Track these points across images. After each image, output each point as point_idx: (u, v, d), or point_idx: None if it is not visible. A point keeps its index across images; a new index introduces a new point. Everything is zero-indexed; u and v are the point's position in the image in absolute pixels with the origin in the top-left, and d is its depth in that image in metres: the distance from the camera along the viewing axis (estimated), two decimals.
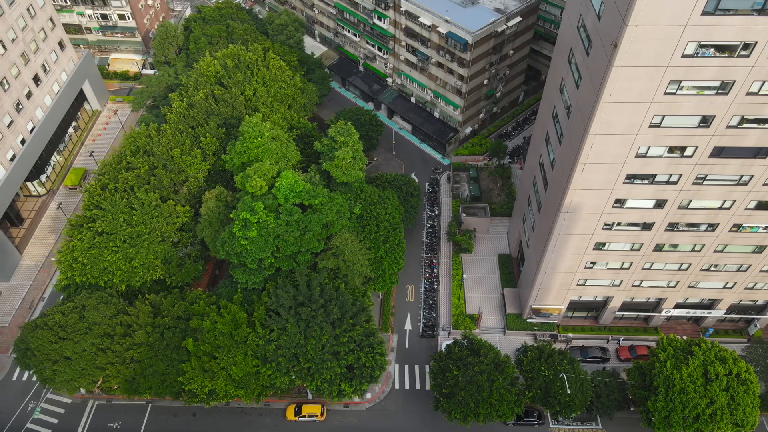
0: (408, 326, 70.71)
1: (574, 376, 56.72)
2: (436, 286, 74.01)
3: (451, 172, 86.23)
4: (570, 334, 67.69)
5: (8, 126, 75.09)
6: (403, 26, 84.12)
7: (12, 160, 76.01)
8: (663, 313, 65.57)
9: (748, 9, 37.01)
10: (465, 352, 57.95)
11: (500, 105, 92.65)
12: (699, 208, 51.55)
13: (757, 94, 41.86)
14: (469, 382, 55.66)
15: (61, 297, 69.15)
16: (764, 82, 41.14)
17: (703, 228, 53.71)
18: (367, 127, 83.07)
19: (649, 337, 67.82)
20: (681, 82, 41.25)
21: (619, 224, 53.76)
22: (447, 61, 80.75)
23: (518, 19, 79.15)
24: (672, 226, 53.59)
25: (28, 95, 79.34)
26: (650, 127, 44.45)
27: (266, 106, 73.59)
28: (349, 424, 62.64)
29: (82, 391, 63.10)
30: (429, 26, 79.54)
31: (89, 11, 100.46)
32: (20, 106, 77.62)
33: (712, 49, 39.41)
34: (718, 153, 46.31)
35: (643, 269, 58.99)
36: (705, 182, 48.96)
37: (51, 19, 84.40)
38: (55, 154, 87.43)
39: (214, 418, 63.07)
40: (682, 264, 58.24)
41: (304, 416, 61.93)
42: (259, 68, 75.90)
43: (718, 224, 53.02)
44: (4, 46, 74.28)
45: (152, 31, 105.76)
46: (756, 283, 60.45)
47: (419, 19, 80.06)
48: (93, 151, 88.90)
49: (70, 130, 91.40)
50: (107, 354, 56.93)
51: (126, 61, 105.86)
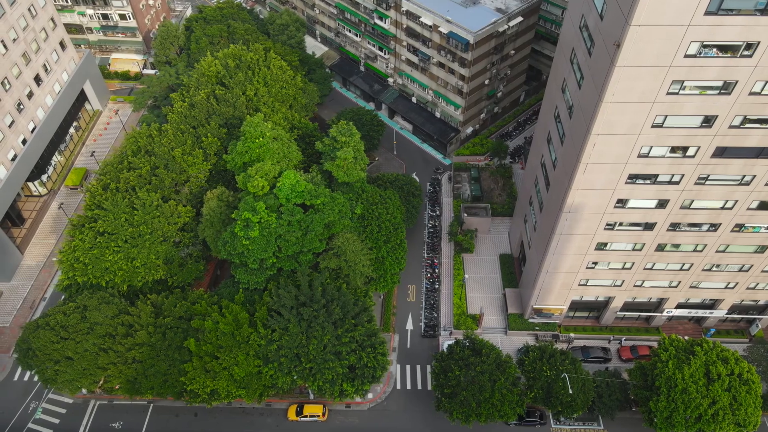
0: (409, 326, 70.68)
1: (576, 376, 56.70)
2: (437, 286, 73.99)
3: (453, 172, 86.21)
4: (572, 334, 67.66)
5: (9, 126, 75.09)
6: (405, 26, 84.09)
7: (13, 160, 75.99)
8: (664, 313, 65.55)
9: (751, 9, 37.00)
10: (467, 352, 57.91)
11: (501, 105, 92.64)
12: (701, 208, 51.54)
13: (759, 94, 41.86)
14: (470, 382, 55.64)
15: (63, 297, 69.05)
16: (767, 82, 41.14)
17: (705, 228, 53.72)
18: (369, 127, 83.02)
19: (651, 337, 67.80)
20: (683, 82, 41.26)
21: (621, 224, 53.75)
22: (448, 61, 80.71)
23: (519, 19, 79.12)
24: (674, 226, 53.58)
25: (30, 95, 79.33)
26: (653, 127, 44.44)
27: (267, 106, 73.58)
28: (351, 424, 62.62)
29: (84, 391, 63.02)
30: (430, 26, 79.51)
31: (90, 11, 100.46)
32: (21, 106, 77.61)
33: (715, 49, 39.40)
34: (721, 153, 46.32)
35: (645, 269, 58.97)
36: (707, 182, 48.96)
37: (52, 19, 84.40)
38: (56, 154, 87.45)
39: (216, 418, 63.05)
40: (684, 264, 58.24)
41: (306, 416, 61.91)
42: (260, 68, 75.88)
43: (720, 224, 53.02)
44: (5, 46, 74.27)
45: (153, 31, 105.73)
46: (758, 283, 60.44)
47: (420, 19, 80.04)
48: (94, 151, 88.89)
49: (71, 130, 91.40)
50: (109, 354, 56.95)
51: (127, 61, 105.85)
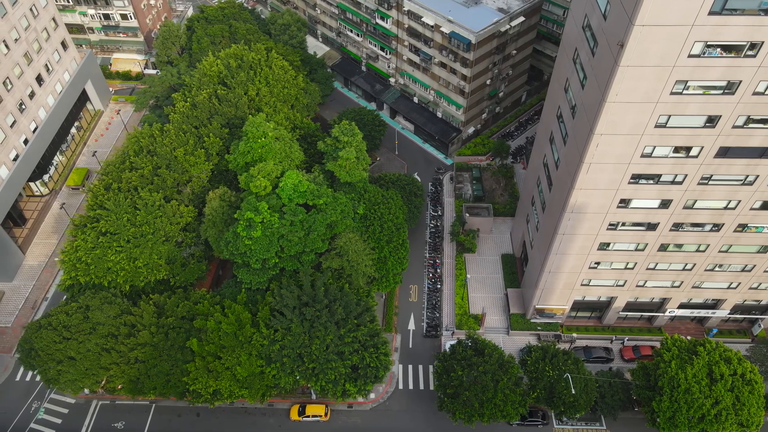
0: (411, 326, 70.65)
1: (579, 376, 56.66)
2: (439, 286, 73.94)
3: (454, 172, 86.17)
4: (574, 335, 67.62)
5: (11, 126, 75.07)
6: (406, 26, 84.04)
7: (15, 160, 75.96)
8: (667, 314, 65.50)
9: (755, 9, 36.98)
10: (469, 352, 57.88)
11: (503, 105, 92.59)
12: (704, 208, 51.49)
13: (763, 94, 41.81)
14: (473, 382, 55.61)
15: (65, 297, 69.06)
16: None
17: (708, 228, 53.69)
18: (370, 127, 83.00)
19: (653, 338, 67.75)
20: (687, 82, 41.23)
21: (623, 224, 53.70)
22: (450, 61, 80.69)
23: (521, 19, 79.06)
24: (677, 226, 53.53)
25: (31, 95, 79.31)
26: (656, 127, 44.40)
27: (269, 106, 73.56)
28: (353, 424, 62.60)
29: (86, 391, 62.98)
30: (432, 26, 79.46)
31: (92, 11, 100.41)
32: (23, 106, 77.59)
33: (719, 49, 39.39)
34: (724, 153, 46.27)
35: (648, 269, 58.93)
36: (710, 182, 48.91)
37: (54, 19, 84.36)
38: (58, 154, 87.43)
39: (218, 418, 63.04)
40: (687, 264, 58.20)
41: (308, 416, 61.89)
42: (262, 68, 75.84)
43: (723, 224, 52.98)
44: (7, 46, 74.23)
45: (154, 31, 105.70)
46: (760, 283, 60.40)
47: (422, 19, 79.99)
48: (96, 151, 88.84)
49: (73, 130, 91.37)
50: (111, 354, 56.91)
51: (128, 61, 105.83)
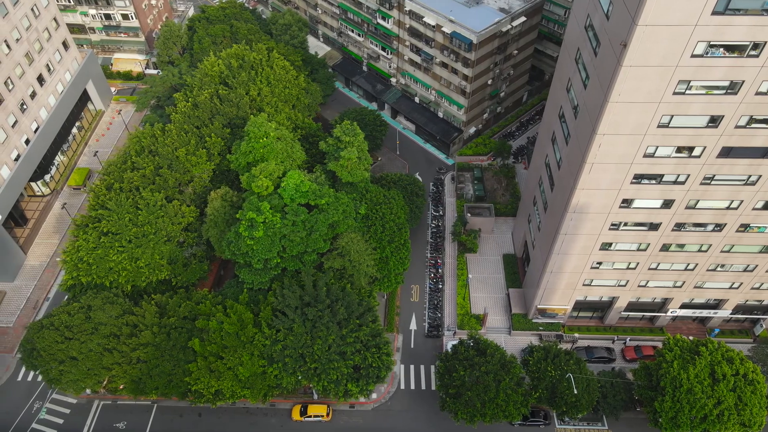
0: (413, 326, 70.63)
1: (581, 376, 56.63)
2: (441, 286, 73.92)
3: (455, 172, 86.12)
4: (576, 335, 67.60)
5: (13, 126, 75.05)
6: (408, 26, 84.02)
7: (16, 160, 75.95)
8: (669, 314, 65.47)
9: (758, 9, 37.00)
10: (471, 353, 57.85)
11: (504, 105, 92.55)
12: (706, 208, 51.51)
13: (766, 94, 41.82)
14: (475, 382, 55.58)
15: (66, 297, 69.06)
16: None
17: (710, 228, 53.68)
18: (372, 127, 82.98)
19: (655, 338, 67.72)
20: (690, 81, 41.24)
21: (626, 224, 53.71)
22: (451, 61, 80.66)
23: (523, 19, 79.02)
24: (679, 226, 53.53)
25: (33, 95, 79.31)
26: (658, 127, 44.41)
27: (271, 106, 73.55)
28: (355, 424, 62.59)
29: (88, 391, 62.91)
30: (433, 26, 79.44)
31: (93, 11, 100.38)
32: (24, 106, 77.57)
33: (722, 49, 39.39)
34: (727, 153, 46.28)
35: (650, 269, 58.92)
36: (713, 182, 48.92)
37: (55, 19, 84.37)
38: (59, 154, 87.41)
39: (220, 418, 63.03)
40: (689, 264, 58.18)
41: (310, 416, 61.88)
42: (263, 68, 75.83)
43: (726, 224, 52.97)
44: (8, 46, 74.21)
45: (155, 31, 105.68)
46: (762, 283, 60.36)
47: (423, 19, 79.95)
48: (97, 151, 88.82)
49: (74, 130, 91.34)
50: (113, 354, 56.91)
51: (129, 60, 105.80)
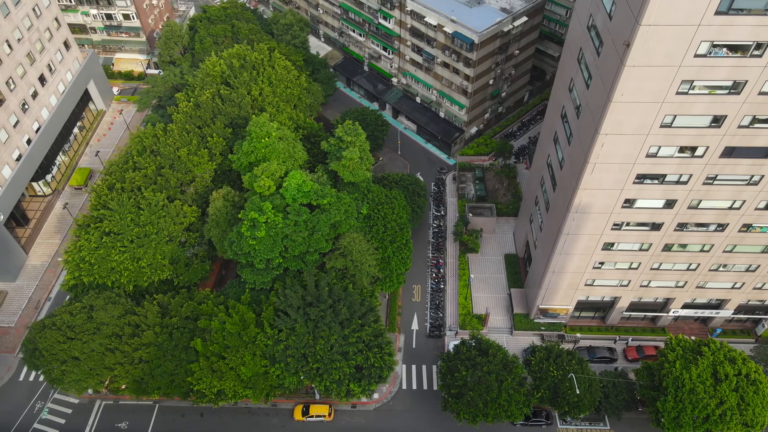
0: (415, 326, 70.61)
1: (583, 376, 56.62)
2: (442, 286, 73.89)
3: (457, 172, 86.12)
4: (578, 335, 67.58)
5: (14, 126, 75.03)
6: (409, 26, 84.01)
7: (18, 160, 75.94)
8: (671, 314, 65.47)
9: (761, 9, 36.97)
10: (473, 353, 57.82)
11: (505, 105, 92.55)
12: (709, 208, 51.48)
13: None
14: (477, 382, 55.57)
15: (68, 297, 69.03)
16: None
17: (712, 228, 53.65)
18: (373, 127, 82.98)
19: (657, 338, 67.72)
20: (693, 81, 41.22)
21: (628, 224, 53.68)
22: (453, 61, 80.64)
23: (524, 18, 79.00)
24: (681, 226, 53.50)
25: (34, 95, 79.29)
26: (661, 126, 44.38)
27: (272, 106, 73.52)
28: (357, 424, 62.57)
29: (90, 391, 62.97)
30: (435, 26, 79.42)
31: (94, 11, 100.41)
32: (26, 106, 77.55)
33: (725, 49, 39.36)
34: (729, 153, 46.26)
35: (652, 269, 58.90)
36: (715, 182, 48.90)
37: (56, 19, 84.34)
38: (61, 154, 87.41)
39: (222, 418, 63.00)
40: (691, 264, 58.16)
41: (312, 416, 61.86)
42: (264, 68, 75.84)
43: (728, 224, 52.95)
44: (10, 46, 74.19)
45: (156, 31, 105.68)
46: (764, 283, 60.32)
47: (425, 19, 79.94)
48: (98, 151, 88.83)
49: (75, 130, 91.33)
50: (116, 354, 56.89)
51: (130, 60, 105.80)
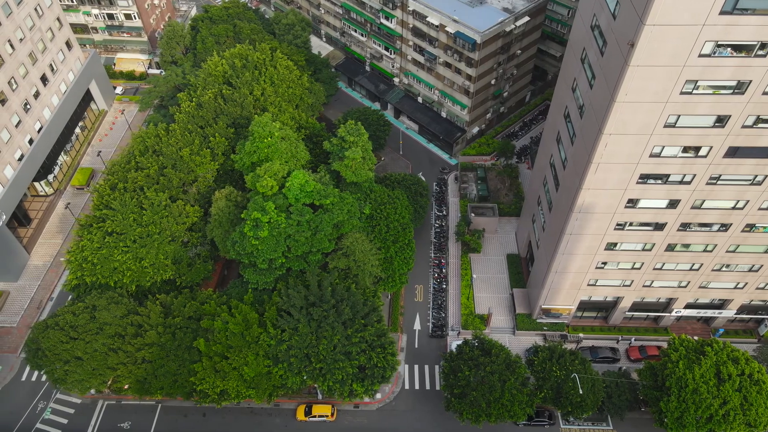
0: (417, 326, 70.59)
1: (586, 376, 56.60)
2: (444, 286, 73.87)
3: (459, 171, 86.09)
4: (581, 335, 67.55)
5: (16, 126, 75.00)
6: (411, 26, 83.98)
7: (20, 159, 75.92)
8: (673, 314, 65.44)
9: (766, 9, 36.92)
10: (476, 353, 57.82)
11: (507, 105, 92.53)
12: (712, 208, 51.43)
13: None
14: (480, 382, 55.54)
15: (70, 297, 69.07)
16: None
17: (715, 228, 53.62)
18: (375, 127, 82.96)
19: (659, 338, 67.70)
20: (697, 81, 41.19)
21: (631, 224, 53.65)
22: (455, 61, 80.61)
23: (526, 18, 78.97)
24: (684, 226, 53.47)
25: (36, 95, 79.26)
26: (665, 126, 44.35)
27: (275, 106, 73.50)
28: (360, 424, 62.55)
29: (92, 391, 62.93)
30: (437, 26, 79.39)
31: (96, 11, 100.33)
32: (28, 106, 77.52)
33: (729, 49, 39.34)
34: (733, 153, 46.22)
35: (655, 269, 58.87)
36: (719, 182, 48.86)
37: (58, 19, 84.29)
38: (62, 153, 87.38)
39: (224, 418, 62.98)
40: (694, 264, 58.14)
41: (315, 416, 61.82)
42: (267, 68, 75.84)
43: (731, 224, 52.92)
44: (12, 46, 74.19)
45: (158, 31, 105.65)
46: (767, 283, 60.32)
47: (427, 19, 79.91)
48: (100, 151, 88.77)
49: (77, 130, 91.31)
50: (118, 354, 56.90)
51: (132, 60, 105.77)
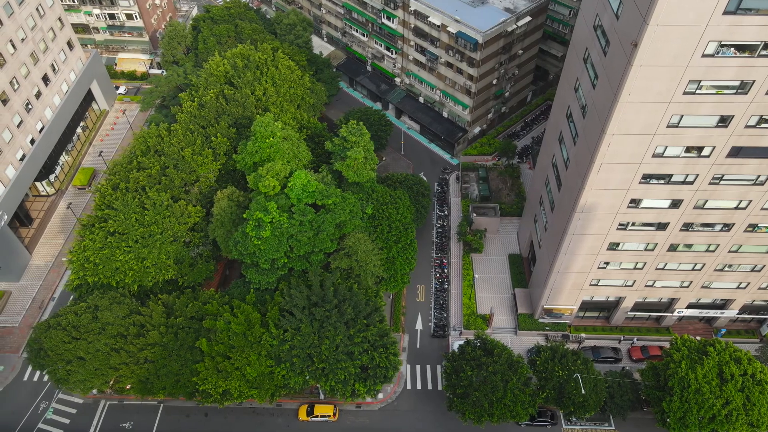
0: (419, 326, 70.58)
1: (588, 376, 56.58)
2: (446, 286, 73.87)
3: (460, 171, 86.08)
4: (583, 335, 67.53)
5: (18, 126, 75.00)
6: (412, 26, 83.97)
7: (22, 160, 75.93)
8: (675, 314, 65.41)
9: None
10: (478, 353, 57.81)
11: (509, 105, 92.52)
12: (715, 208, 51.41)
13: None
14: (482, 382, 55.52)
15: (72, 297, 69.06)
16: None
17: (718, 228, 53.59)
18: (377, 127, 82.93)
19: (661, 338, 67.67)
20: (700, 81, 41.16)
21: (633, 224, 53.62)
22: (456, 61, 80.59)
23: (528, 18, 78.98)
24: (687, 226, 53.44)
25: (38, 95, 79.26)
26: (668, 126, 44.33)
27: (276, 106, 73.49)
28: (362, 424, 62.53)
29: (94, 391, 62.92)
30: (438, 26, 79.38)
31: (97, 11, 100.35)
32: (30, 106, 77.52)
33: (733, 49, 39.31)
34: (736, 153, 46.19)
35: (657, 269, 58.84)
36: (721, 182, 48.83)
37: (60, 19, 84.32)
38: (64, 153, 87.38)
39: (226, 418, 62.97)
40: (696, 264, 58.11)
41: (317, 416, 61.82)
42: (268, 68, 75.80)
43: (734, 224, 52.89)
44: (14, 46, 74.20)
45: (159, 31, 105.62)
46: None
47: (428, 19, 79.90)
48: (102, 151, 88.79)
49: (79, 130, 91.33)
50: (121, 354, 56.86)
51: (133, 60, 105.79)
